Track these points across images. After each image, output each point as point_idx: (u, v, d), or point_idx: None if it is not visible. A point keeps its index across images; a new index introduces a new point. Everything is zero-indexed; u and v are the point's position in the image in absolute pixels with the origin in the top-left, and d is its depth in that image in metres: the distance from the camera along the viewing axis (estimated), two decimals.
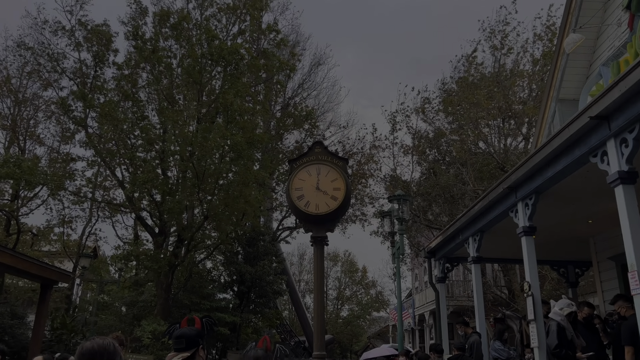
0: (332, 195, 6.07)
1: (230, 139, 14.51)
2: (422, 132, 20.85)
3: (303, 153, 6.40)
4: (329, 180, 6.16)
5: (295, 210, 6.12)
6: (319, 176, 6.18)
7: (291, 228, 24.94)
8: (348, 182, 6.15)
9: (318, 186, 6.11)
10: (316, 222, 6.03)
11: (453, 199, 19.30)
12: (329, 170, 6.22)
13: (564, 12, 9.73)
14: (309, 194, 6.10)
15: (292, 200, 6.06)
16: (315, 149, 6.37)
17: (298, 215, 6.17)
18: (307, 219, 6.05)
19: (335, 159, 6.30)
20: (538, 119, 11.10)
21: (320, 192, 6.09)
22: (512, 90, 17.21)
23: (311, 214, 5.98)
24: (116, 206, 18.40)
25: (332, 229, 6.13)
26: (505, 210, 7.90)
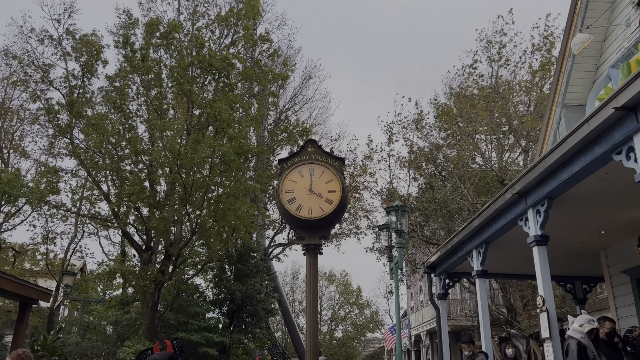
0: (326, 198, 5.46)
1: (218, 149, 13.90)
2: (418, 146, 20.38)
3: (294, 152, 5.81)
4: (324, 182, 5.56)
5: (285, 215, 5.50)
6: (312, 177, 5.58)
7: (284, 245, 24.22)
8: (344, 184, 5.55)
9: (311, 188, 5.51)
10: (309, 227, 5.41)
11: (450, 214, 18.72)
12: (324, 170, 5.63)
13: (569, 12, 9.31)
14: (301, 196, 5.49)
15: (282, 203, 5.44)
16: (308, 147, 5.78)
17: (289, 221, 5.54)
18: (299, 224, 5.43)
19: (330, 158, 5.71)
20: (542, 126, 10.61)
21: (313, 194, 5.48)
22: (510, 102, 16.82)
23: (303, 219, 5.36)
24: (101, 221, 17.64)
25: (326, 236, 5.51)
26: (513, 219, 7.32)
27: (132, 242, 17.64)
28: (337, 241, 24.88)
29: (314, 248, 5.42)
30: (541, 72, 16.51)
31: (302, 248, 5.50)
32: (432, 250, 21.31)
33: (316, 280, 5.40)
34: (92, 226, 21.50)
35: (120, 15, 17.72)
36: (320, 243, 5.45)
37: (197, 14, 19.51)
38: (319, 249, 5.46)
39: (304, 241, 5.44)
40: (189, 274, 19.40)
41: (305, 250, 5.44)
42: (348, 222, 23.93)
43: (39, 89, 19.13)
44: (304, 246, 5.44)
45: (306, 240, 5.42)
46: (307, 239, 5.42)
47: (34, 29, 17.80)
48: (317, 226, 5.40)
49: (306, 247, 5.42)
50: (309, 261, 5.42)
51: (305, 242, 5.42)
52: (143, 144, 16.89)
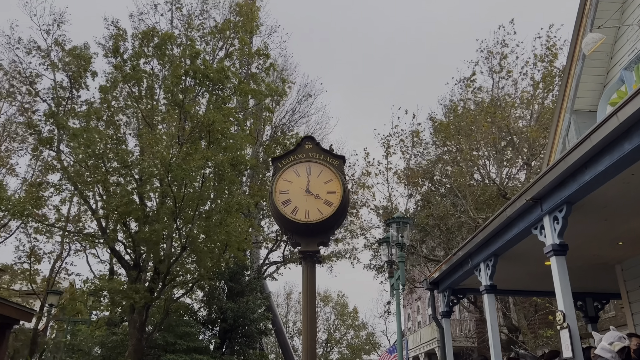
0: (325, 199, 4.91)
1: (212, 159, 13.33)
2: (415, 161, 19.93)
3: (290, 150, 5.25)
4: (322, 182, 5.01)
5: (279, 218, 4.92)
6: (310, 177, 5.03)
7: (278, 263, 23.48)
8: (345, 185, 5.00)
9: (308, 189, 4.95)
10: (306, 232, 4.84)
11: (449, 231, 18.17)
12: (322, 169, 5.08)
13: (577, 14, 8.91)
14: (297, 198, 4.92)
15: (275, 205, 4.87)
16: (305, 145, 5.24)
17: (283, 225, 4.96)
18: (295, 228, 4.86)
19: (329, 156, 5.17)
20: (550, 133, 10.13)
21: (311, 195, 4.92)
22: (512, 114, 16.43)
23: (300, 223, 4.79)
24: (87, 236, 16.92)
25: (326, 242, 4.93)
26: (527, 228, 6.75)
27: (120, 259, 16.90)
28: (329, 263, 24.11)
29: (312, 255, 4.84)
30: (543, 84, 16.15)
31: (298, 255, 4.91)
32: (430, 268, 20.73)
33: (314, 292, 4.80)
34: (79, 243, 20.75)
35: (109, 27, 17.30)
36: (318, 250, 4.87)
37: (191, 26, 19.15)
38: (317, 256, 4.88)
39: (300, 248, 4.86)
40: (179, 292, 18.63)
41: (301, 258, 4.86)
42: (344, 241, 23.28)
43: (25, 101, 18.61)
44: (300, 253, 4.86)
45: (303, 247, 4.85)
46: (304, 246, 4.85)
47: (21, 39, 17.32)
48: (315, 231, 4.84)
49: (303, 255, 4.85)
50: (305, 270, 4.83)
51: (302, 248, 4.85)
52: (133, 157, 16.32)
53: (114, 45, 15.99)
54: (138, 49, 16.47)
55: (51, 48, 17.24)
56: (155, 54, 16.54)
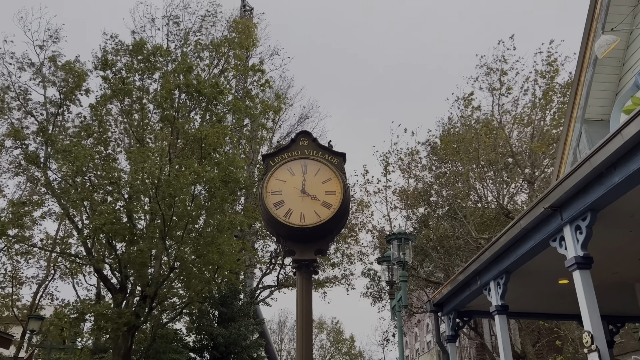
0: (323, 201, 4.29)
1: (203, 175, 12.72)
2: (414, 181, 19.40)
3: (283, 146, 4.66)
4: (320, 181, 4.40)
5: (270, 222, 4.29)
6: (306, 175, 4.42)
7: (272, 287, 22.62)
8: (346, 184, 4.39)
9: (304, 189, 4.34)
10: (301, 238, 4.21)
11: (449, 252, 17.50)
12: (320, 167, 4.48)
13: (587, 17, 8.49)
14: (292, 199, 4.31)
15: (266, 207, 4.25)
16: (301, 141, 4.65)
17: (275, 229, 4.32)
18: (289, 233, 4.23)
19: (328, 154, 4.58)
20: (559, 144, 9.61)
21: (307, 196, 4.31)
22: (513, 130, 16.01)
23: (294, 227, 4.16)
24: (71, 256, 16.14)
25: (324, 250, 4.28)
26: (544, 240, 6.14)
27: (105, 281, 16.09)
28: (324, 288, 23.25)
29: (307, 265, 4.20)
30: (544, 101, 15.75)
31: (291, 265, 4.27)
32: (429, 293, 19.99)
33: (310, 308, 4.13)
34: (65, 267, 19.93)
35: (107, 41, 16.87)
36: (315, 259, 4.23)
37: (187, 41, 18.80)
38: (314, 266, 4.23)
39: (294, 256, 4.22)
40: (167, 317, 17.74)
41: (295, 268, 4.22)
42: (341, 266, 22.51)
43: (15, 117, 18.04)
44: (295, 262, 4.21)
45: (297, 255, 4.20)
46: (299, 254, 4.20)
47: (14, 53, 16.83)
48: (311, 236, 4.21)
49: (297, 264, 4.20)
50: (300, 282, 4.18)
51: (297, 257, 4.20)
52: (122, 173, 15.69)
53: (102, 58, 15.51)
54: (128, 62, 16.02)
55: (43, 63, 16.81)
56: (145, 67, 16.08)
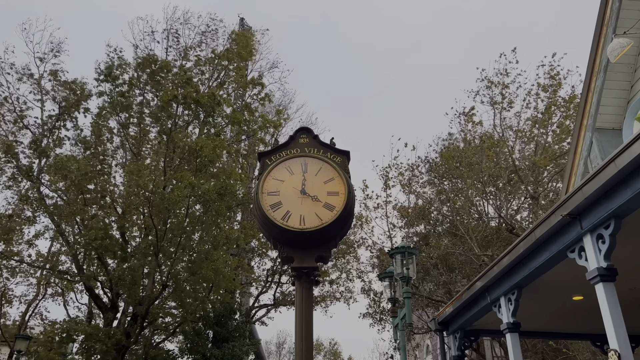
0: (325, 202, 3.87)
1: (198, 188, 12.28)
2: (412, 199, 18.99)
3: (281, 144, 4.25)
4: (321, 181, 3.99)
5: (267, 226, 3.85)
6: (306, 175, 4.01)
7: (268, 306, 21.98)
8: (350, 185, 3.98)
9: (304, 189, 3.92)
10: (301, 243, 3.77)
11: (451, 268, 16.99)
12: (322, 166, 4.07)
13: (597, 23, 8.20)
14: (290, 200, 3.89)
15: (262, 209, 3.82)
16: (300, 138, 4.24)
17: (272, 233, 3.89)
18: (287, 238, 3.79)
19: (330, 152, 4.17)
20: (569, 155, 9.24)
21: (307, 197, 3.89)
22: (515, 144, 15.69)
23: (293, 231, 3.73)
24: (62, 273, 15.58)
25: (325, 257, 3.84)
26: (561, 251, 5.72)
27: (96, 299, 15.52)
28: (324, 304, 22.65)
29: (308, 273, 3.75)
30: (546, 114, 15.46)
31: (290, 274, 3.83)
32: (429, 313, 19.40)
33: (310, 322, 3.68)
34: (56, 286, 19.36)
35: (110, 53, 16.57)
36: (316, 266, 3.78)
37: (188, 56, 18.59)
38: (315, 274, 3.79)
39: (292, 263, 3.77)
40: (160, 337, 17.09)
41: (295, 277, 3.77)
42: (339, 282, 21.94)
43: (9, 130, 17.64)
44: (294, 270, 3.77)
45: (296, 263, 3.76)
46: (298, 261, 3.76)
47: (14, 64, 16.49)
48: (312, 241, 3.77)
49: (296, 273, 3.76)
50: (300, 292, 3.73)
51: (296, 264, 3.75)
52: (115, 187, 15.28)
53: (107, 70, 15.19)
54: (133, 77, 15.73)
55: (43, 76, 16.49)
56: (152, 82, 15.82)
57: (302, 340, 3.61)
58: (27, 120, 16.15)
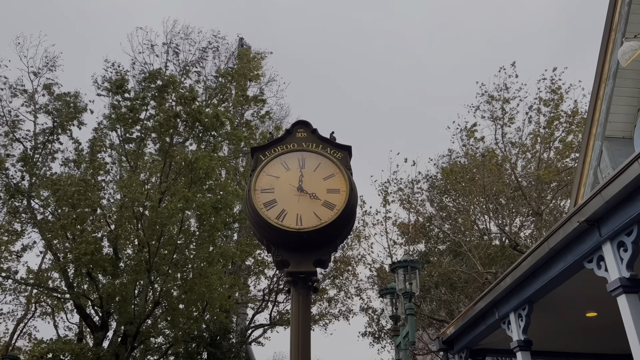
0: (325, 200, 3.50)
1: (193, 201, 11.87)
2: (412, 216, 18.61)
3: (275, 139, 3.90)
4: (321, 178, 3.63)
5: (259, 226, 3.47)
6: (303, 171, 3.65)
7: (265, 325, 21.34)
8: (352, 182, 3.62)
9: (301, 186, 3.56)
10: (297, 245, 3.39)
11: (453, 287, 16.52)
12: (321, 161, 3.71)
13: (605, 28, 7.95)
14: (286, 198, 3.52)
15: (254, 208, 3.45)
16: (297, 132, 3.90)
17: (265, 234, 3.50)
18: (282, 239, 3.41)
19: (330, 147, 3.82)
20: (577, 165, 8.90)
21: (305, 195, 3.52)
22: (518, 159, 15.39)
23: (289, 231, 3.35)
24: (51, 291, 15.07)
25: (325, 260, 3.45)
26: (577, 261, 5.33)
27: (85, 318, 14.95)
28: (324, 322, 22.02)
29: (305, 279, 3.36)
30: (548, 129, 15.19)
31: (285, 280, 3.43)
32: (430, 334, 18.84)
33: (307, 333, 3.27)
34: (46, 305, 18.80)
35: (108, 69, 16.30)
36: (314, 271, 3.40)
37: (188, 72, 18.39)
38: (313, 280, 3.40)
39: (288, 268, 3.38)
40: (152, 357, 16.48)
41: (290, 283, 3.37)
42: (337, 300, 21.36)
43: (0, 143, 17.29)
44: (289, 276, 3.37)
45: (292, 267, 3.37)
46: (294, 265, 3.37)
47: (7, 78, 16.20)
48: (310, 243, 3.39)
49: (292, 278, 3.36)
50: (296, 301, 3.33)
51: (291, 269, 3.36)
52: (108, 202, 14.88)
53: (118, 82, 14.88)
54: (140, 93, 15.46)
55: (37, 90, 16.23)
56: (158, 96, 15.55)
57: (298, 354, 3.20)
58: (20, 134, 15.83)
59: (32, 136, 15.60)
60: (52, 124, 15.54)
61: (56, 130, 15.53)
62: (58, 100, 15.73)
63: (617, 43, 7.78)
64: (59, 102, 15.70)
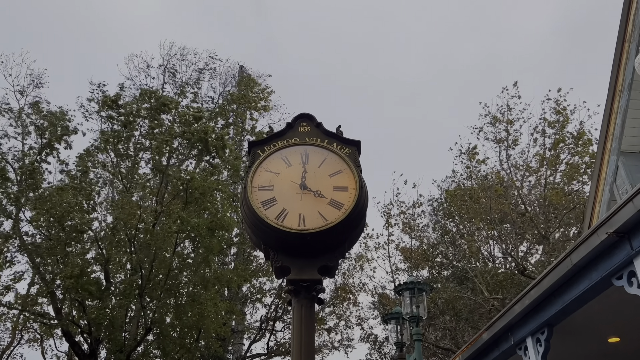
0: (331, 199, 3.08)
1: (187, 222, 11.40)
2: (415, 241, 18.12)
3: (275, 133, 3.49)
4: (326, 174, 3.21)
5: (256, 226, 3.03)
6: (307, 166, 3.23)
7: (262, 355, 20.55)
8: (362, 179, 3.19)
9: (304, 183, 3.14)
10: (300, 248, 2.95)
11: (458, 316, 15.91)
12: (326, 157, 3.30)
13: (617, 40, 7.67)
14: (287, 196, 3.09)
15: (251, 206, 3.01)
16: (300, 126, 3.49)
17: (262, 235, 3.05)
18: (282, 242, 2.97)
19: (337, 142, 3.41)
20: (591, 182, 8.50)
21: (308, 193, 3.10)
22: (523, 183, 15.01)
23: (290, 232, 2.91)
24: (38, 316, 14.43)
25: (331, 267, 3.00)
26: (604, 278, 4.86)
27: (74, 346, 14.28)
28: (322, 355, 21.24)
29: (308, 288, 2.90)
30: (554, 151, 14.86)
31: (285, 289, 2.97)
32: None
33: (312, 351, 2.79)
34: (33, 330, 18.07)
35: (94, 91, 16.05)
36: (319, 279, 2.94)
37: (183, 93, 18.18)
38: (317, 289, 2.93)
39: (289, 275, 2.92)
40: None
41: (291, 293, 2.91)
42: (337, 329, 20.65)
43: None
44: (290, 284, 2.91)
45: (294, 274, 2.91)
46: (296, 272, 2.92)
47: None
48: (314, 246, 2.94)
49: (293, 287, 2.90)
50: (298, 314, 2.86)
51: (293, 276, 2.91)
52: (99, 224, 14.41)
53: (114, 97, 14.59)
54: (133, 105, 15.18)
55: (23, 109, 15.97)
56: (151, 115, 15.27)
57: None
58: (6, 154, 15.48)
59: (21, 157, 15.25)
60: (41, 143, 15.21)
61: (44, 150, 15.19)
62: (45, 120, 15.45)
63: (631, 54, 7.49)
64: (46, 121, 15.41)
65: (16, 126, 15.63)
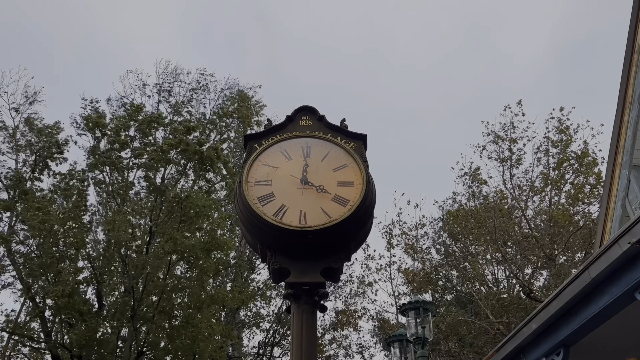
0: (335, 195, 2.78)
1: (181, 243, 11.03)
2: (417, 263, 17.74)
3: (274, 126, 3.21)
4: (330, 168, 2.92)
5: (251, 224, 2.73)
6: (309, 160, 2.95)
7: None
8: (369, 174, 2.90)
9: (306, 178, 2.85)
10: (300, 248, 2.64)
11: (462, 342, 15.41)
12: (330, 150, 3.02)
13: (626, 51, 7.49)
14: (286, 191, 2.80)
15: (247, 202, 2.72)
16: (301, 120, 3.22)
17: (259, 234, 2.75)
18: (280, 241, 2.66)
19: (341, 136, 3.13)
20: (602, 198, 8.22)
21: (310, 188, 2.81)
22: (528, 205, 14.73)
23: (290, 230, 2.61)
24: (26, 338, 13.95)
25: (336, 271, 2.69)
26: (627, 292, 4.51)
27: None
28: None
29: (310, 292, 2.58)
30: (559, 171, 14.62)
31: (284, 293, 2.65)
32: None
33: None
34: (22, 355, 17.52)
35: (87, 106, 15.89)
36: (322, 282, 2.62)
37: (178, 112, 18.04)
38: (320, 294, 2.61)
39: (288, 278, 2.61)
40: None
41: (291, 298, 2.59)
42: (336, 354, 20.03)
43: None
44: (289, 288, 2.59)
45: (294, 277, 2.60)
46: (296, 274, 2.60)
47: None
48: (316, 245, 2.64)
49: (293, 291, 2.58)
50: (298, 321, 2.53)
51: (292, 279, 2.59)
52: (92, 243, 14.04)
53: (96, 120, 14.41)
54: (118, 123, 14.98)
55: (18, 127, 15.83)
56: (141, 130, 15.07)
57: None
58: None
59: (14, 174, 15.01)
60: (34, 159, 15.00)
61: (37, 167, 14.98)
62: (39, 135, 15.27)
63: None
64: (40, 137, 15.24)
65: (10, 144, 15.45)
